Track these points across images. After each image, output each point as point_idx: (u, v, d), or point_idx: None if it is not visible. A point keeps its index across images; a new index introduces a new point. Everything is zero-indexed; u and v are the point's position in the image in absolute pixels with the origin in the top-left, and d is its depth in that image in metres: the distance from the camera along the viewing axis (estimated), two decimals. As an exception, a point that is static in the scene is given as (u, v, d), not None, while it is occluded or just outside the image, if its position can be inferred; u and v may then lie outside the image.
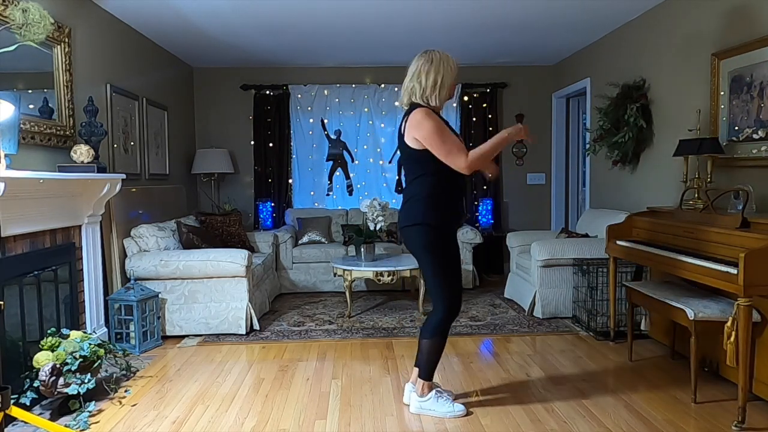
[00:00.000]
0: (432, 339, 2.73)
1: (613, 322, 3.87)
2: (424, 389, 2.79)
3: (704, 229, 3.01)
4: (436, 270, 2.69)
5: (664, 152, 4.28)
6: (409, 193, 2.71)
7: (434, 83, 2.62)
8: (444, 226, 2.67)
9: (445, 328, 2.74)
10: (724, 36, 3.62)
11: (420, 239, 2.66)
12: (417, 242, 2.68)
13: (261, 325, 4.37)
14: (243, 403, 2.95)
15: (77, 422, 2.66)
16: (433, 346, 2.74)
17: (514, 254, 5.19)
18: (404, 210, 2.72)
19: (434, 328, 2.73)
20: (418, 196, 2.65)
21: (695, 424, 2.65)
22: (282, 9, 4.40)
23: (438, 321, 2.72)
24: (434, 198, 2.63)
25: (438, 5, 4.36)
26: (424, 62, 2.64)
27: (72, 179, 3.32)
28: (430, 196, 2.63)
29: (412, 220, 2.66)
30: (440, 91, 2.64)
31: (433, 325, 2.73)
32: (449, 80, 2.66)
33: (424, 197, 2.63)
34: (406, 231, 2.71)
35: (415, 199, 2.66)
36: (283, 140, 6.52)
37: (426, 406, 2.77)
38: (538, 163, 6.83)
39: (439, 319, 2.72)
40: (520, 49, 5.88)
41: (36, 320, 3.12)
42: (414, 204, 2.66)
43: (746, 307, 2.53)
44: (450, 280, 2.70)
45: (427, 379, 2.80)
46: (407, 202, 2.71)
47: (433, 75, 2.62)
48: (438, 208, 2.63)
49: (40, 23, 2.72)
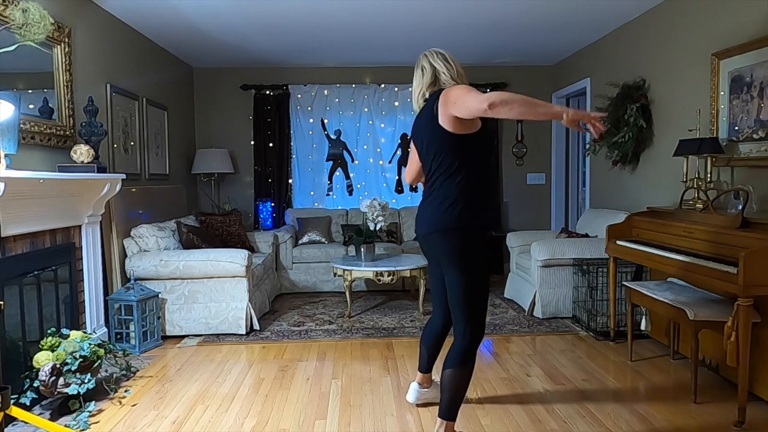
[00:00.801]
0: (456, 369, 2.29)
1: (613, 322, 3.87)
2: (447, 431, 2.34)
3: (704, 229, 3.01)
4: (469, 284, 2.28)
5: (664, 152, 4.28)
6: (441, 192, 2.30)
7: (457, 73, 2.40)
8: (478, 230, 2.29)
9: (472, 355, 2.32)
10: (724, 36, 3.62)
11: (457, 246, 2.27)
12: (452, 250, 2.28)
13: (261, 325, 4.37)
14: (243, 403, 2.96)
15: (77, 422, 2.66)
16: (459, 377, 2.30)
17: (514, 254, 5.19)
18: (434, 212, 2.31)
19: (461, 356, 2.30)
20: (454, 195, 2.26)
21: (695, 424, 2.65)
22: (282, 9, 4.40)
23: (465, 348, 2.30)
24: (473, 198, 2.27)
25: (438, 5, 4.36)
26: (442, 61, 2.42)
27: (72, 179, 3.32)
28: (469, 196, 2.26)
29: (447, 224, 2.27)
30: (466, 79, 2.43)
31: (460, 351, 2.30)
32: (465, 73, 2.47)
33: (461, 197, 2.25)
34: (436, 237, 2.32)
35: (449, 200, 2.27)
36: (283, 140, 6.52)
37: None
38: (538, 163, 6.83)
39: (466, 346, 2.30)
40: (520, 49, 5.89)
41: (36, 320, 3.12)
42: (449, 206, 2.26)
43: (746, 307, 2.53)
44: (482, 297, 2.32)
45: (450, 419, 2.33)
46: (439, 203, 2.30)
47: (454, 66, 2.41)
48: (477, 210, 2.27)
49: (40, 23, 2.72)
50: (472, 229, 2.27)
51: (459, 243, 2.27)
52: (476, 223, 2.27)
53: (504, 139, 6.78)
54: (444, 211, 2.28)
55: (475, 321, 2.30)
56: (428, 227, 2.34)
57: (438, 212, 2.30)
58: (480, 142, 2.30)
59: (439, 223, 2.29)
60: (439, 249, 2.34)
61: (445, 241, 2.29)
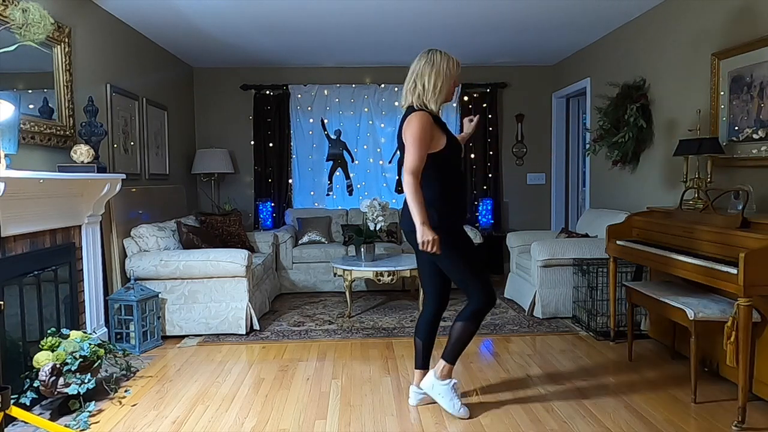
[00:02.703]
0: (466, 322, 2.72)
1: (613, 322, 3.87)
2: (444, 371, 2.77)
3: (704, 229, 3.01)
4: (459, 266, 2.70)
5: (664, 152, 4.28)
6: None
7: (434, 87, 2.64)
8: (453, 227, 2.69)
9: (482, 316, 2.74)
10: (724, 36, 3.62)
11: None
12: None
13: (261, 325, 4.37)
14: (243, 403, 2.96)
15: (77, 422, 2.66)
16: (466, 330, 2.73)
17: (514, 254, 5.19)
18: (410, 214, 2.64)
19: (471, 314, 2.72)
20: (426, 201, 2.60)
21: (695, 424, 2.65)
22: (282, 9, 4.40)
23: (476, 310, 2.72)
24: (440, 203, 2.63)
25: (438, 5, 4.36)
26: (425, 64, 2.65)
27: (72, 179, 3.32)
28: (437, 200, 2.62)
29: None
30: (439, 95, 2.66)
31: (470, 310, 2.72)
32: (447, 84, 2.67)
33: (431, 202, 2.60)
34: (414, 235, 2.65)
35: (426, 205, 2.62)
36: (283, 140, 6.52)
37: (438, 391, 2.76)
38: (538, 163, 6.83)
39: (477, 308, 2.71)
40: (520, 49, 5.89)
41: (36, 320, 3.12)
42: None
43: (746, 307, 2.53)
44: (476, 270, 2.71)
45: (451, 362, 2.77)
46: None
47: (433, 79, 2.63)
48: (445, 213, 2.64)
49: (40, 23, 2.72)
50: (445, 228, 2.62)
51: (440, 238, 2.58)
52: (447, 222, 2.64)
53: (504, 139, 6.78)
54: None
55: (481, 289, 2.70)
56: (410, 225, 2.66)
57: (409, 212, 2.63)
58: (443, 158, 2.65)
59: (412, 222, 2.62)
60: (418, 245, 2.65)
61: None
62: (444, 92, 2.67)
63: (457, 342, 2.75)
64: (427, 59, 2.66)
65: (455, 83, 2.73)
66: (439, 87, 2.64)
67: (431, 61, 2.64)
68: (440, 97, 2.67)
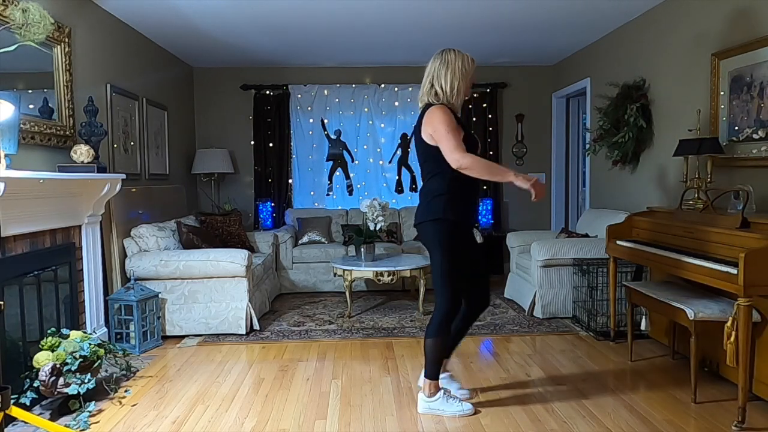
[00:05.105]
0: (435, 338, 2.72)
1: (613, 322, 3.87)
2: (431, 389, 2.77)
3: (704, 229, 3.01)
4: (444, 266, 2.67)
5: (664, 152, 4.28)
6: (427, 190, 2.72)
7: (451, 89, 2.65)
8: (462, 222, 2.70)
9: (445, 327, 2.74)
10: (724, 36, 3.62)
11: (437, 234, 2.66)
12: (433, 236, 2.68)
13: (261, 325, 4.37)
14: (243, 403, 2.95)
15: (77, 422, 2.66)
16: (434, 344, 2.73)
17: (514, 254, 5.19)
18: (423, 206, 2.72)
19: (437, 327, 2.72)
20: (438, 192, 2.65)
21: (695, 424, 2.65)
22: (282, 9, 4.40)
23: (438, 320, 2.72)
24: (453, 194, 2.65)
25: (438, 5, 4.36)
26: (440, 65, 2.66)
27: (72, 179, 3.32)
28: (450, 192, 2.64)
29: (431, 215, 2.66)
30: (457, 96, 2.68)
31: (434, 323, 2.73)
32: (465, 83, 2.69)
33: (443, 193, 2.63)
34: (424, 226, 2.72)
35: (434, 195, 2.67)
36: (283, 140, 6.52)
37: (434, 407, 2.77)
38: (538, 163, 6.82)
39: (439, 319, 2.71)
40: (520, 50, 5.88)
41: (36, 320, 3.12)
42: (434, 200, 2.66)
43: (746, 307, 2.53)
44: (454, 278, 2.69)
45: (432, 378, 2.78)
46: (426, 199, 2.70)
47: (449, 80, 2.65)
48: (457, 204, 2.65)
49: (40, 23, 2.72)
50: (453, 219, 2.65)
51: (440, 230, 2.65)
52: (457, 214, 2.66)
53: (504, 139, 6.78)
54: (429, 205, 2.68)
55: (447, 300, 2.70)
56: (418, 217, 2.75)
57: (425, 205, 2.71)
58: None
59: (427, 213, 2.69)
60: (424, 236, 2.75)
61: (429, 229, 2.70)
62: (462, 92, 2.69)
63: (432, 359, 2.75)
64: (441, 60, 2.66)
65: (472, 81, 2.73)
66: (456, 87, 2.66)
67: (446, 61, 2.65)
68: (459, 97, 2.69)
